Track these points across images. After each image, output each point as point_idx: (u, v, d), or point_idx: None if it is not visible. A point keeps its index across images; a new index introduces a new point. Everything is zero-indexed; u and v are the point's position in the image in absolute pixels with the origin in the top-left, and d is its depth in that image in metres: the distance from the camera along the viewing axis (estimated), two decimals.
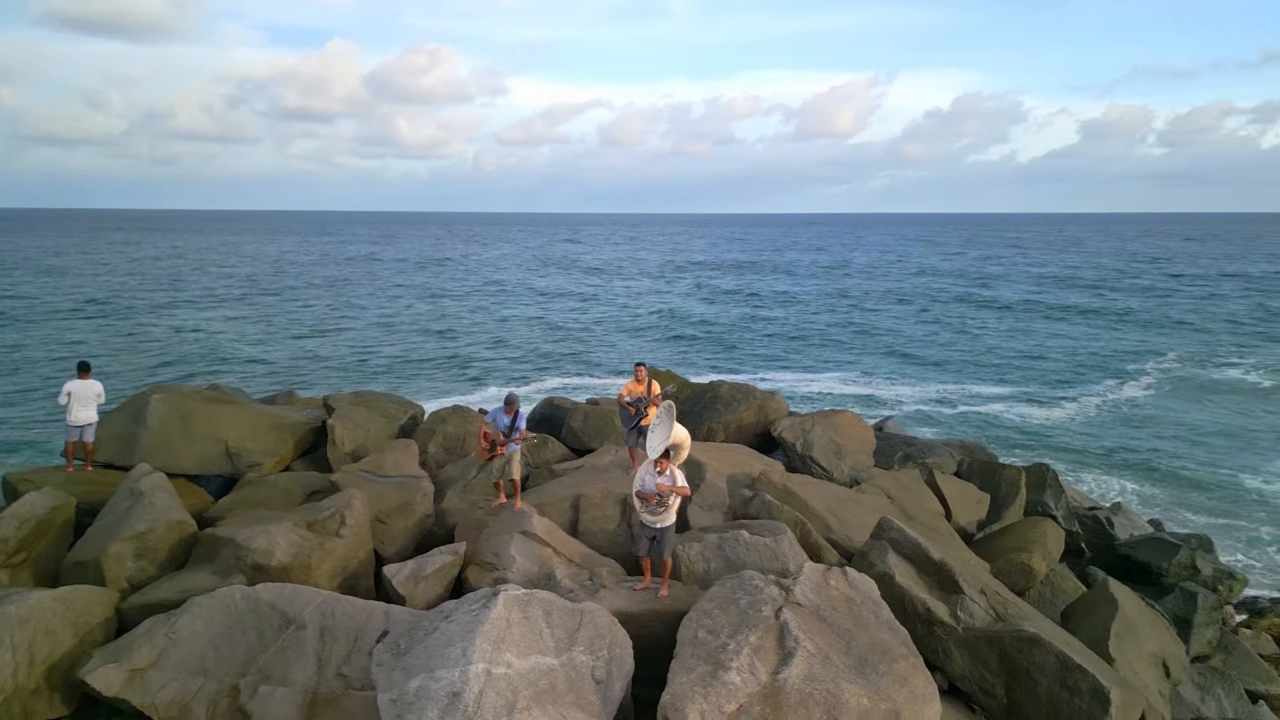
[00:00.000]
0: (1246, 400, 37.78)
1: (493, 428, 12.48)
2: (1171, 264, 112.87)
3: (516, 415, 12.44)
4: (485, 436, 12.50)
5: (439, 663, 8.13)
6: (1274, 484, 26.83)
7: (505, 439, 12.36)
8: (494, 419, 12.56)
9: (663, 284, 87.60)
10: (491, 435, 12.43)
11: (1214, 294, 78.03)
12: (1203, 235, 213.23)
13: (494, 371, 43.35)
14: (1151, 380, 41.67)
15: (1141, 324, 60.07)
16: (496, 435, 12.40)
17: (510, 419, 12.38)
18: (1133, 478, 27.08)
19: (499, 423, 12.46)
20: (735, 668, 8.36)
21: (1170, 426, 33.28)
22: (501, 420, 12.45)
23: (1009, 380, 41.88)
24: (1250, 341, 52.83)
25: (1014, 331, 56.61)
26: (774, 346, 51.62)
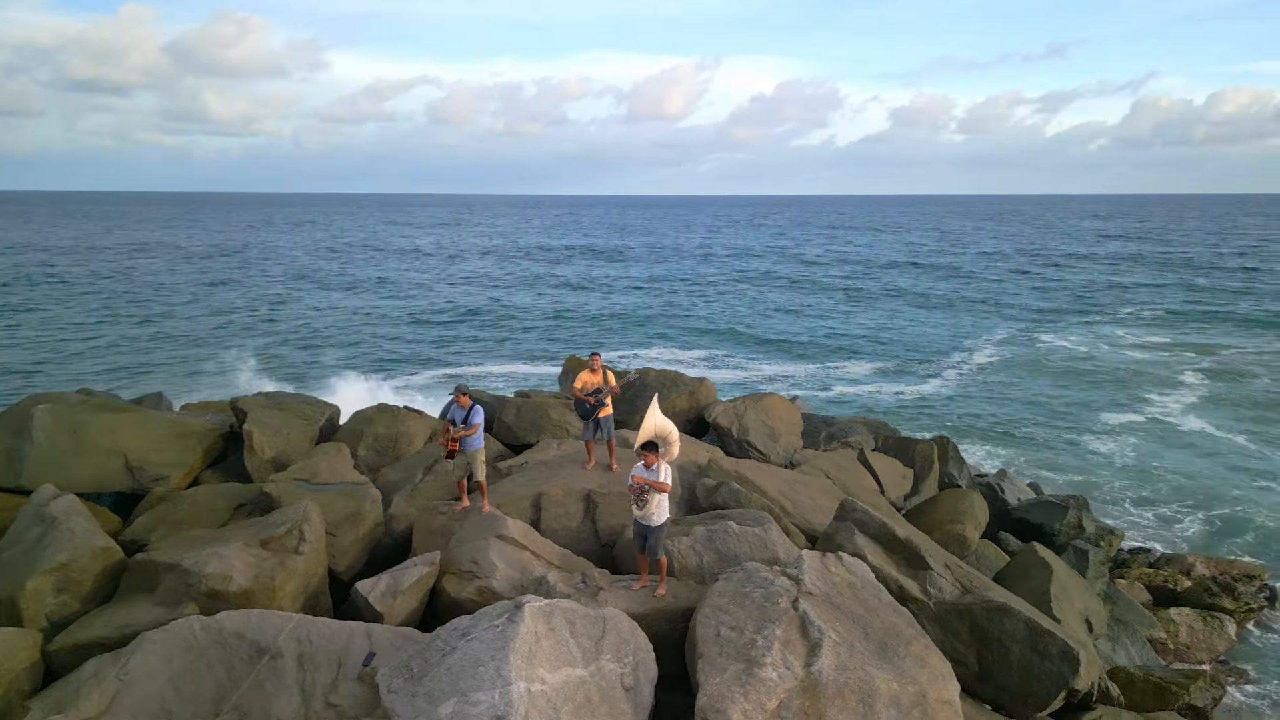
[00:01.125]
0: (1071, 368, 41.17)
1: (454, 424, 11.87)
2: (981, 244, 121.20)
3: (471, 408, 11.86)
4: (446, 432, 11.87)
5: (472, 685, 7.65)
6: (1109, 443, 29.40)
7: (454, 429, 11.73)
8: (451, 414, 11.97)
9: (496, 270, 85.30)
10: (452, 431, 11.81)
11: (1021, 270, 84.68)
12: (1001, 215, 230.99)
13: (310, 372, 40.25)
14: (991, 355, 44.55)
15: (970, 301, 64.13)
16: (456, 430, 11.79)
17: (465, 412, 11.81)
18: (997, 445, 29.01)
19: (454, 417, 11.87)
20: (769, 663, 8.32)
21: (1016, 396, 35.81)
22: (457, 415, 11.86)
23: (866, 359, 43.78)
24: (1063, 315, 57.45)
25: (853, 313, 59.05)
26: (632, 333, 51.75)
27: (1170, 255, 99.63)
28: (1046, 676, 10.68)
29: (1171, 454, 28.02)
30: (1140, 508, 23.71)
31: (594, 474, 13.30)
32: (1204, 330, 51.42)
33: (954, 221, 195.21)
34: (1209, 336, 49.55)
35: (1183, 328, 52.21)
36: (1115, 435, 29.99)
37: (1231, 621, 17.81)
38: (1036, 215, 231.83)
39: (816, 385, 38.07)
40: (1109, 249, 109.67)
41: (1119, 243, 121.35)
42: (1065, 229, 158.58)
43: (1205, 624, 17.74)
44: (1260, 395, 35.85)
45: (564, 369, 20.43)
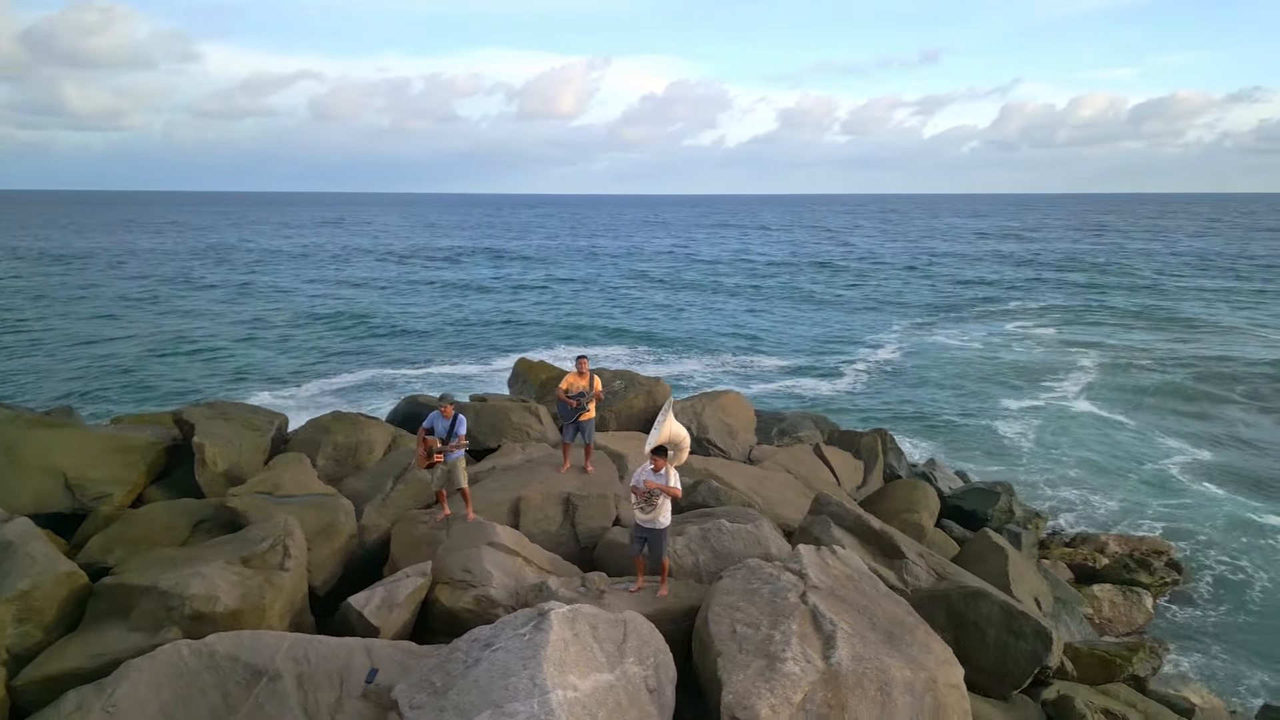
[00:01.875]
0: (968, 361, 43.03)
1: (431, 434, 11.60)
2: (869, 243, 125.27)
3: (455, 419, 11.63)
4: (425, 443, 11.59)
5: (506, 696, 7.53)
6: (1015, 429, 30.89)
7: (444, 445, 11.52)
8: (432, 424, 11.68)
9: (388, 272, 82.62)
10: (430, 442, 11.54)
11: (908, 267, 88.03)
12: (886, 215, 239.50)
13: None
14: (892, 350, 45.97)
15: (864, 298, 65.90)
16: (434, 442, 11.54)
17: (449, 423, 11.57)
18: (916, 436, 30.06)
19: (437, 429, 11.61)
20: (790, 657, 8.47)
21: (923, 389, 37.17)
22: (440, 425, 11.60)
23: (775, 356, 44.58)
24: (953, 310, 59.85)
25: (755, 310, 59.81)
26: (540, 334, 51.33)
27: (1042, 252, 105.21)
28: (1022, 656, 11.21)
29: (1072, 438, 29.63)
30: (1053, 490, 24.97)
31: (570, 477, 13.22)
32: (1083, 321, 54.49)
33: (839, 220, 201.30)
34: (1089, 327, 52.58)
35: (1064, 320, 55.19)
36: (1020, 422, 31.52)
37: (1148, 595, 18.99)
38: (916, 214, 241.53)
39: (734, 382, 38.65)
40: (989, 247, 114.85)
41: (995, 240, 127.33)
42: (945, 228, 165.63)
43: (1125, 599, 18.86)
44: (1141, 380, 38.32)
45: (514, 372, 20.20)
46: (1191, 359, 42.70)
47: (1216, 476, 26.14)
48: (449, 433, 11.52)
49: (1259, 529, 22.16)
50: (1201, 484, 25.60)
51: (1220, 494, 24.70)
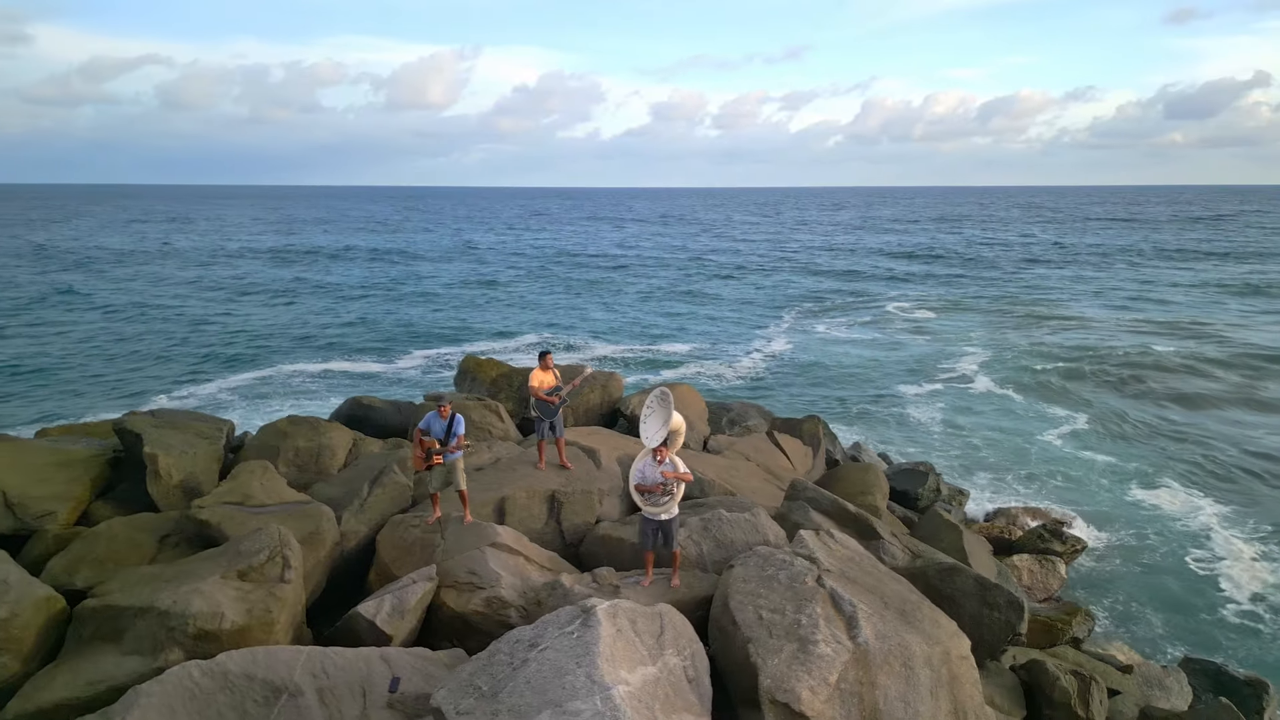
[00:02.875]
0: (865, 347, 44.79)
1: (428, 435, 11.34)
2: (746, 236, 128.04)
3: (453, 419, 11.40)
4: (422, 445, 11.30)
5: (564, 695, 7.51)
6: (922, 412, 32.42)
7: (443, 446, 11.29)
8: (428, 425, 11.40)
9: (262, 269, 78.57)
10: (428, 444, 11.28)
11: (788, 258, 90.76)
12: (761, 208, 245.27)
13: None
14: (787, 341, 47.15)
15: (751, 291, 67.05)
16: (432, 444, 11.28)
17: (447, 423, 11.33)
18: (831, 422, 31.15)
19: (434, 429, 11.34)
20: (821, 639, 8.76)
21: (827, 377, 38.41)
22: (437, 426, 11.34)
23: (678, 345, 45.22)
24: (839, 299, 62.02)
25: (649, 303, 60.25)
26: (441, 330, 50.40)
27: (911, 244, 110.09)
28: (997, 626, 11.86)
29: (973, 416, 31.31)
30: (965, 466, 26.35)
31: (551, 474, 13.15)
32: (959, 308, 57.47)
33: (713, 214, 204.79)
34: (964, 313, 55.59)
35: (943, 307, 58.07)
36: (925, 404, 33.06)
37: (1061, 562, 20.35)
38: (787, 207, 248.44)
39: (644, 371, 38.98)
40: (862, 240, 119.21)
41: (867, 233, 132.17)
42: (816, 220, 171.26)
43: (1041, 566, 20.10)
44: (1020, 361, 40.82)
45: (460, 370, 19.79)
46: (1058, 338, 46.10)
47: (1095, 444, 28.25)
48: (447, 433, 11.29)
49: (1136, 493, 24.12)
50: (1085, 452, 27.52)
51: (1101, 461, 26.64)
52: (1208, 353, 41.72)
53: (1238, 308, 56.54)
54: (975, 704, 9.30)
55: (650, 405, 10.64)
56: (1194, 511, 22.93)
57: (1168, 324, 49.94)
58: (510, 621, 9.96)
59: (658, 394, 10.80)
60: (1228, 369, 38.60)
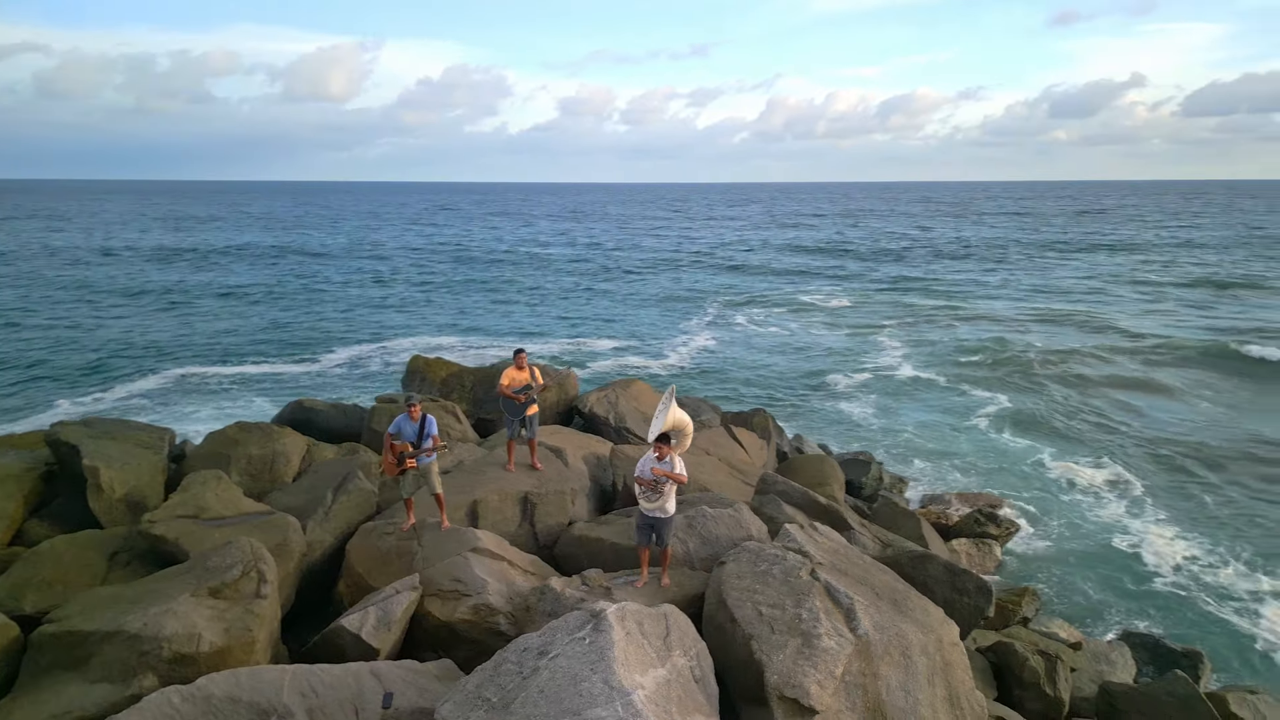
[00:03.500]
0: (788, 341, 45.45)
1: (399, 439, 10.91)
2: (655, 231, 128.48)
3: (424, 420, 11.00)
4: (393, 449, 10.87)
5: (582, 702, 7.31)
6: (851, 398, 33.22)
7: (416, 449, 10.88)
8: (399, 428, 10.97)
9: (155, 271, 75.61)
10: (400, 448, 10.85)
11: (705, 253, 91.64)
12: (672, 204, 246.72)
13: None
14: (710, 336, 47.13)
15: (663, 286, 67.15)
16: (405, 447, 10.87)
17: (418, 425, 10.92)
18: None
19: (405, 432, 10.92)
20: (824, 633, 8.77)
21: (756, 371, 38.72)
22: (408, 428, 10.93)
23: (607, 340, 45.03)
24: (754, 294, 62.74)
25: (569, 299, 59.89)
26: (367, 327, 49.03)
27: (818, 238, 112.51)
28: (967, 610, 12.13)
29: (901, 405, 32.07)
30: (899, 454, 26.97)
31: (521, 476, 12.85)
32: (873, 300, 58.97)
33: (625, 209, 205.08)
34: (882, 302, 57.14)
35: (858, 299, 59.51)
36: (855, 395, 33.76)
37: (996, 545, 21.04)
38: (694, 202, 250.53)
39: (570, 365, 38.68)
40: (772, 235, 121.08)
41: (775, 228, 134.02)
42: (725, 215, 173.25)
43: (978, 550, 20.74)
44: (937, 349, 42.27)
45: (409, 370, 19.16)
46: (970, 328, 47.88)
47: (1014, 428, 29.36)
48: (419, 435, 10.89)
49: (1056, 472, 25.18)
50: (1006, 436, 28.58)
51: (1021, 444, 27.74)
52: (1106, 340, 43.87)
53: (1130, 296, 59.58)
54: (967, 689, 9.47)
55: (665, 402, 10.57)
56: (1110, 489, 23.98)
57: (1067, 313, 52.22)
58: (499, 629, 9.69)
59: (672, 392, 10.66)
60: (1124, 355, 40.61)
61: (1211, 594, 18.22)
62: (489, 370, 18.12)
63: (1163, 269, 74.65)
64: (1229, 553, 19.98)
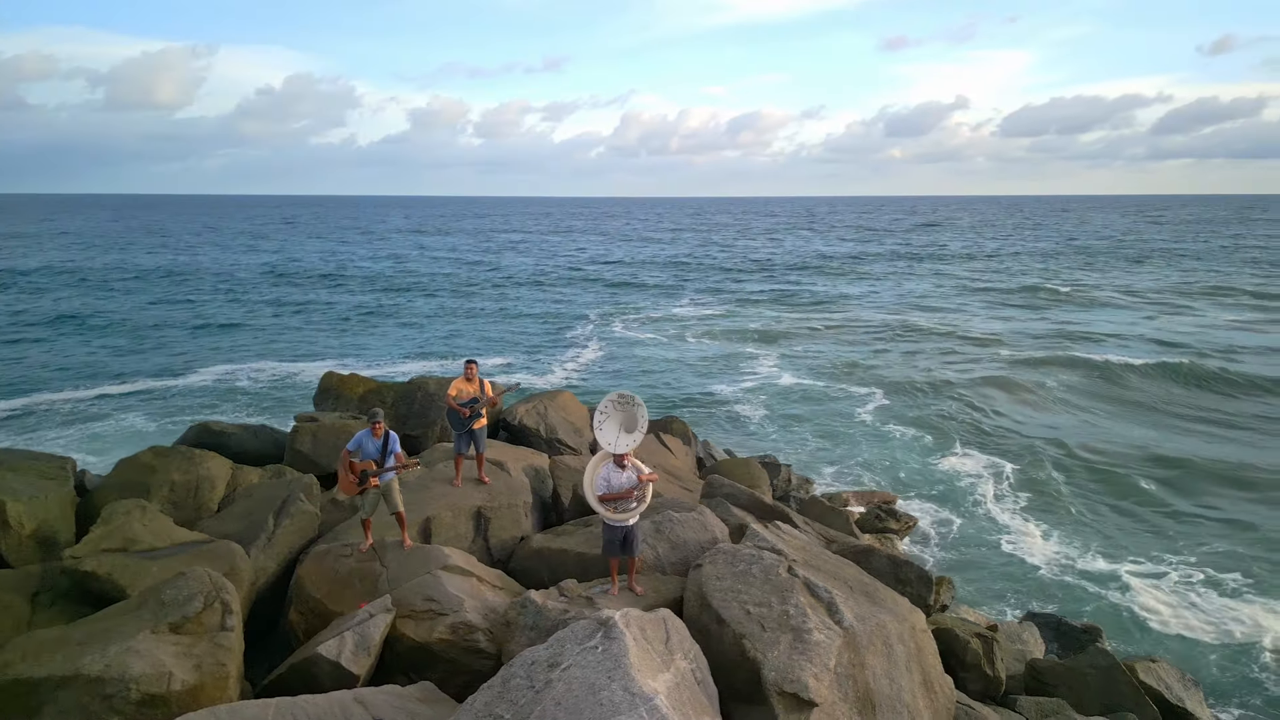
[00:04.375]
0: (670, 349, 46.15)
1: (359, 456, 10.41)
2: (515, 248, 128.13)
3: (388, 437, 10.54)
4: (352, 468, 10.36)
5: (603, 712, 7.19)
6: (742, 403, 34.00)
7: (379, 468, 10.41)
8: (359, 445, 10.46)
9: None
10: (360, 466, 10.36)
11: (578, 268, 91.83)
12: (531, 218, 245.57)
13: None
14: (597, 348, 47.39)
15: (535, 301, 67.23)
16: (368, 465, 10.38)
17: (381, 442, 10.46)
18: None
19: (366, 449, 10.43)
20: (813, 628, 8.96)
21: (647, 378, 39.27)
22: (370, 446, 10.44)
23: (492, 357, 44.37)
24: (622, 306, 63.25)
25: (444, 314, 58.65)
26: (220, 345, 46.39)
27: (681, 251, 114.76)
28: (911, 599, 12.59)
29: (790, 409, 33.02)
30: (796, 455, 27.76)
31: (470, 490, 12.51)
32: (745, 309, 60.70)
33: (486, 222, 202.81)
34: (753, 312, 58.89)
35: (730, 308, 61.12)
36: (744, 400, 34.53)
37: (897, 539, 22.00)
38: (555, 216, 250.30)
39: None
40: (637, 249, 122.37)
41: (638, 243, 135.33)
42: (592, 229, 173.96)
43: (881, 545, 21.67)
44: (812, 352, 44.09)
45: (321, 388, 18.23)
46: (837, 332, 50.44)
47: (896, 425, 30.92)
48: (383, 453, 10.43)
49: (938, 463, 26.67)
50: (889, 433, 30.02)
51: (905, 441, 29.23)
52: (963, 344, 46.95)
53: (977, 303, 63.76)
54: (938, 672, 9.89)
55: (604, 411, 10.31)
56: (987, 481, 25.42)
57: (926, 320, 55.30)
58: (479, 646, 9.42)
59: (613, 399, 10.47)
60: (981, 357, 43.47)
61: (1084, 576, 19.47)
62: (409, 386, 17.53)
63: (1008, 276, 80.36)
64: (1090, 537, 21.49)
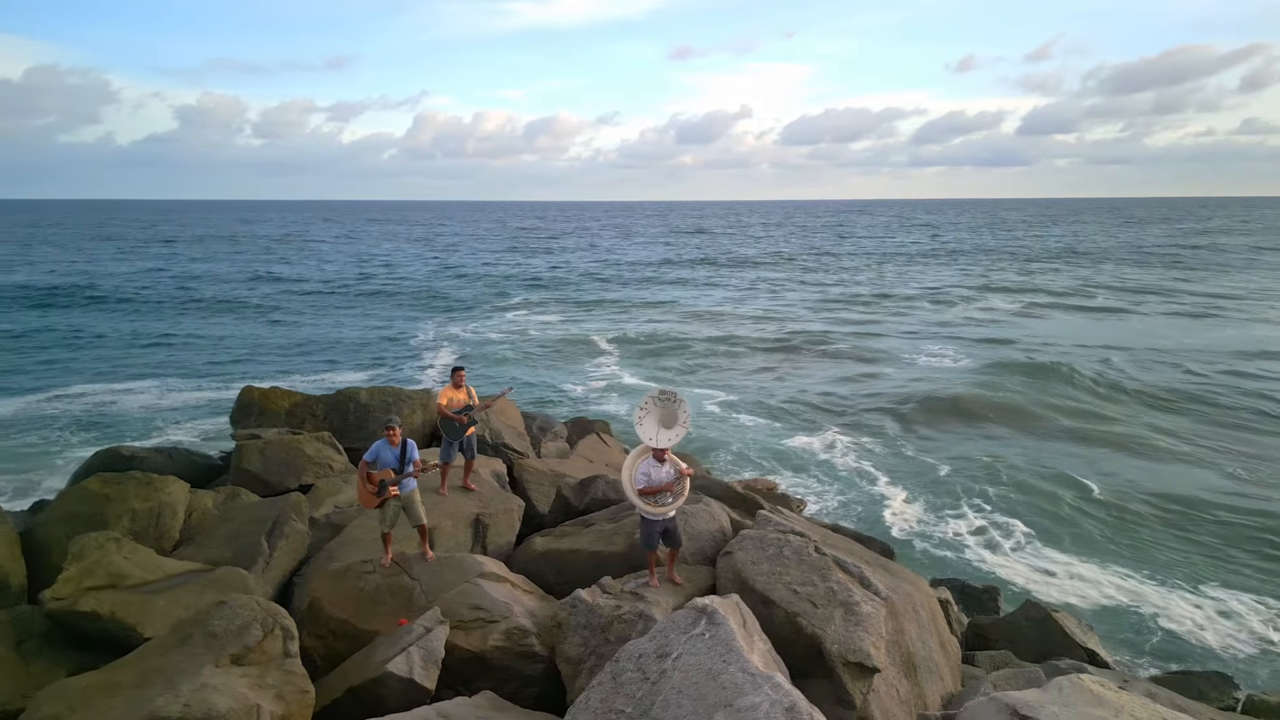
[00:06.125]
0: (509, 348, 46.04)
1: (376, 466, 9.91)
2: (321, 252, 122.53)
3: (405, 444, 10.09)
4: (370, 479, 9.85)
5: (728, 695, 7.40)
6: (594, 404, 34.41)
7: (399, 476, 9.96)
8: (376, 455, 9.95)
9: None
10: (379, 476, 9.86)
11: (397, 276, 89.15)
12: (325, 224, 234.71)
13: None
14: (448, 349, 46.59)
15: (371, 304, 65.29)
16: (385, 474, 9.90)
17: (399, 450, 10.01)
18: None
19: (383, 459, 9.95)
20: (860, 600, 9.52)
21: (508, 378, 39.05)
22: (387, 455, 9.96)
23: (348, 369, 42.27)
24: (455, 311, 62.17)
25: (272, 324, 55.59)
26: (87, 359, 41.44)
27: (491, 255, 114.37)
28: None
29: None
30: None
31: (460, 498, 12.17)
32: (577, 312, 61.39)
33: (270, 229, 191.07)
34: (586, 313, 59.79)
35: (560, 309, 61.71)
36: (597, 399, 35.03)
37: None
38: (348, 222, 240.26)
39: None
40: (447, 254, 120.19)
41: (441, 248, 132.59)
42: (398, 235, 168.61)
43: None
44: (651, 348, 45.52)
45: (240, 404, 16.78)
46: (667, 326, 52.75)
47: (748, 413, 32.69)
48: (401, 461, 9.99)
49: (796, 443, 28.44)
50: (744, 422, 31.61)
51: (759, 423, 31.02)
52: (784, 334, 50.23)
53: (785, 296, 68.21)
54: (947, 633, 10.77)
55: (645, 407, 10.42)
56: (843, 456, 27.32)
57: (748, 314, 58.41)
58: (533, 650, 9.32)
59: (654, 395, 10.55)
60: (801, 346, 46.75)
61: (948, 541, 21.25)
62: (339, 398, 16.65)
63: (825, 274, 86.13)
64: (940, 500, 23.52)
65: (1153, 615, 17.33)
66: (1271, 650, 16.12)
